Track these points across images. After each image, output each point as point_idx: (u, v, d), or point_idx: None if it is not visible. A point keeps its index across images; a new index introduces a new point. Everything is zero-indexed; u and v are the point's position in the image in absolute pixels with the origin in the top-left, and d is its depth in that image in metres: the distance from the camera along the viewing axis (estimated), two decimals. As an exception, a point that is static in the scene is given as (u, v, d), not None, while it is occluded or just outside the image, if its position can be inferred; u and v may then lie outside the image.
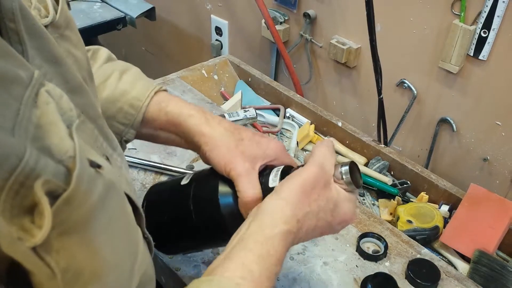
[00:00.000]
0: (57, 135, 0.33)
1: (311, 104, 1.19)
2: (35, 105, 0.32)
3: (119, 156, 0.47)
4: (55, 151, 0.32)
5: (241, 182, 0.57)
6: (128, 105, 0.63)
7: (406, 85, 1.13)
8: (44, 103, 0.33)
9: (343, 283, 0.76)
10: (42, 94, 0.33)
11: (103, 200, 0.35)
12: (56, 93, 0.35)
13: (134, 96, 0.63)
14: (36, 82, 0.33)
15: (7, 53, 0.33)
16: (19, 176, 0.28)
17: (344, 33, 1.21)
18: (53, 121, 0.33)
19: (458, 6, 0.96)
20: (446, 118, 1.09)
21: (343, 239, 0.83)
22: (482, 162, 1.07)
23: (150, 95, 0.64)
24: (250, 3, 1.33)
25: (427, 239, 0.90)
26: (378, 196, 1.04)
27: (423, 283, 0.75)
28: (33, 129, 0.31)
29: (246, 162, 0.59)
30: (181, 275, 0.74)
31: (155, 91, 0.64)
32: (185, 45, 1.76)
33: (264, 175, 0.59)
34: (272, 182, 0.58)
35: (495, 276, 0.81)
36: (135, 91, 0.64)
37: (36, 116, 0.32)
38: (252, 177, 0.58)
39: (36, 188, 0.29)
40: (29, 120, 0.31)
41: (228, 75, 1.31)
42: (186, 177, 0.64)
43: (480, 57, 0.97)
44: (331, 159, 0.56)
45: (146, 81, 0.67)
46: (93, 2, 1.55)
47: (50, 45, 0.40)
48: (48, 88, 0.34)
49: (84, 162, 0.33)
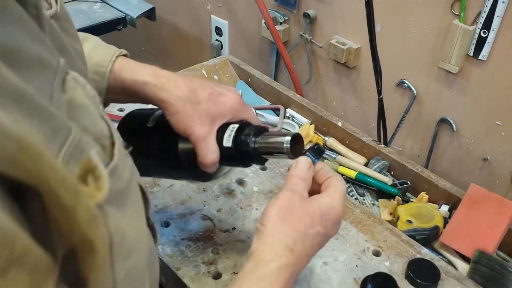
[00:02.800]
0: (90, 116, 0.34)
1: (311, 104, 1.19)
2: (63, 91, 0.33)
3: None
4: (91, 131, 0.34)
5: (200, 147, 0.60)
6: (92, 72, 0.63)
7: (406, 85, 1.13)
8: (71, 88, 0.34)
9: (343, 283, 0.76)
10: (69, 81, 0.34)
11: (130, 180, 0.37)
12: (81, 81, 0.36)
13: (97, 62, 0.63)
14: (62, 69, 0.34)
15: (42, 39, 0.34)
16: (69, 147, 0.29)
17: (344, 33, 1.21)
18: (84, 103, 0.34)
19: (458, 6, 0.96)
20: (446, 118, 1.09)
21: (343, 239, 0.83)
22: (482, 162, 1.07)
23: (112, 60, 0.64)
24: (250, 3, 1.33)
25: (427, 239, 0.90)
26: (378, 196, 1.04)
27: (423, 283, 0.75)
28: (66, 111, 0.32)
29: (204, 126, 0.60)
30: (181, 275, 0.75)
31: (116, 56, 0.64)
32: (185, 45, 1.76)
33: (220, 134, 0.62)
34: (226, 142, 0.61)
35: (495, 276, 0.81)
36: (97, 57, 0.63)
37: (66, 100, 0.33)
38: (210, 141, 0.60)
39: (92, 155, 0.31)
40: (60, 103, 0.32)
41: (228, 75, 1.31)
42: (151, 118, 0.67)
43: (480, 57, 0.97)
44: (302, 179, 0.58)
45: (106, 47, 0.66)
46: (93, 3, 1.55)
47: (57, 34, 0.41)
48: (73, 75, 0.35)
49: (120, 140, 0.36)
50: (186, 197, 0.88)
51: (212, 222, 0.84)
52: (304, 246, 0.53)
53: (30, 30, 0.32)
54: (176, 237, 0.80)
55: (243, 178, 0.93)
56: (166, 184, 0.90)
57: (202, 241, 0.80)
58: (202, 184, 0.91)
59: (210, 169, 0.62)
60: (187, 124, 0.60)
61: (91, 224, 0.28)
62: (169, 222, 0.83)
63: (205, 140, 0.60)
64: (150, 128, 0.66)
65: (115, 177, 0.33)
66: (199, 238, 0.81)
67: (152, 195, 0.88)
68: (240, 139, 0.61)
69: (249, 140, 0.61)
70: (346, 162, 1.08)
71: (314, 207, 0.55)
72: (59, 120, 0.29)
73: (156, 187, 0.90)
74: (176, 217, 0.84)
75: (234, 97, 0.64)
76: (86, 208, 0.28)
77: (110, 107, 1.01)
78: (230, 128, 0.62)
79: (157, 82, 0.62)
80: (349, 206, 0.89)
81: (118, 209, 0.33)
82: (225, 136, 0.62)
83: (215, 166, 0.62)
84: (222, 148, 0.61)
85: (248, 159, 0.62)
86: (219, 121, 0.62)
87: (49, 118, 0.28)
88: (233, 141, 0.61)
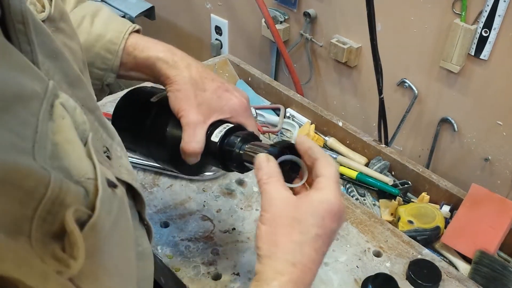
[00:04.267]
0: (75, 155, 0.32)
1: (311, 103, 1.18)
2: (51, 118, 0.32)
3: (118, 145, 0.47)
4: (73, 172, 0.32)
5: (186, 132, 0.59)
6: (105, 50, 0.63)
7: (407, 84, 1.12)
8: (59, 117, 0.32)
9: (343, 283, 0.75)
10: (57, 107, 0.33)
11: (117, 220, 0.35)
12: (71, 105, 0.34)
13: (109, 40, 0.62)
14: (50, 94, 0.33)
15: (24, 66, 0.32)
16: (46, 204, 0.28)
17: (344, 33, 1.20)
18: (70, 139, 0.33)
19: (459, 5, 0.96)
20: (447, 118, 1.09)
21: (343, 239, 0.82)
22: (483, 162, 1.07)
23: (124, 37, 0.63)
24: (250, 2, 1.32)
25: (428, 240, 0.89)
26: (379, 196, 1.03)
27: (424, 284, 0.75)
28: (50, 146, 0.31)
29: (199, 114, 0.59)
30: (181, 275, 0.74)
31: (129, 32, 0.64)
32: (184, 44, 1.76)
33: (211, 128, 0.60)
34: (215, 137, 0.59)
35: (496, 276, 0.81)
36: (109, 34, 0.63)
37: (53, 132, 0.31)
38: (198, 130, 0.59)
39: (67, 218, 0.29)
40: (46, 136, 0.30)
41: (228, 74, 1.31)
42: (158, 94, 0.66)
43: (481, 57, 0.96)
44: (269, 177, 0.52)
45: (119, 22, 0.66)
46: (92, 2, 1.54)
47: (50, 41, 0.40)
48: (62, 100, 0.34)
49: (104, 184, 0.33)
50: (186, 198, 0.88)
51: (212, 222, 0.83)
52: (305, 254, 0.49)
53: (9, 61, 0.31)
54: (176, 237, 0.80)
55: (243, 178, 0.92)
56: (165, 185, 0.90)
57: (201, 241, 0.80)
58: (201, 184, 0.90)
59: (190, 159, 0.60)
60: (183, 106, 0.59)
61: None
62: (168, 222, 0.82)
63: (195, 127, 0.59)
64: (151, 102, 0.65)
65: (96, 230, 0.31)
66: (199, 239, 0.80)
67: (152, 195, 0.87)
68: (229, 139, 0.59)
69: (236, 142, 0.58)
70: (347, 162, 1.07)
71: (303, 209, 0.50)
72: (35, 175, 0.28)
73: (156, 187, 0.89)
74: (175, 218, 0.83)
75: (240, 99, 0.63)
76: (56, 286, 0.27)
77: (110, 107, 1.00)
78: (224, 126, 0.61)
79: (170, 59, 0.62)
80: (350, 207, 0.88)
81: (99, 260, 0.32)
82: (215, 131, 0.60)
83: (196, 157, 0.60)
84: (208, 141, 0.60)
85: (229, 160, 0.59)
86: (216, 115, 0.61)
87: (23, 178, 0.27)
88: (221, 139, 0.59)
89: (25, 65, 0.33)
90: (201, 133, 0.59)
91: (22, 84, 0.30)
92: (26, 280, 0.25)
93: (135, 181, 0.46)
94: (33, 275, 0.26)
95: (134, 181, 0.45)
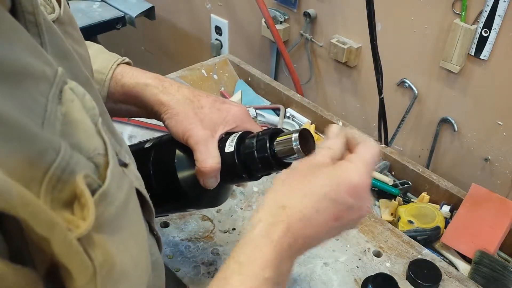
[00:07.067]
0: (85, 132, 0.33)
1: (311, 103, 1.18)
2: (60, 102, 0.32)
3: (126, 153, 0.46)
4: (84, 149, 0.32)
5: (199, 150, 0.55)
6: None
7: (407, 84, 1.12)
8: (68, 100, 0.33)
9: (343, 284, 0.75)
10: (66, 91, 0.33)
11: (127, 200, 0.35)
12: (80, 91, 0.34)
13: (96, 69, 0.61)
14: (59, 80, 0.33)
15: (36, 49, 0.32)
16: (56, 170, 0.28)
17: (344, 33, 1.20)
18: (80, 118, 0.33)
19: (459, 5, 0.96)
20: (447, 118, 1.09)
21: (343, 239, 0.82)
22: (484, 162, 1.07)
23: (112, 68, 0.62)
24: (250, 2, 1.32)
25: (428, 240, 0.89)
26: (379, 196, 1.03)
27: (424, 284, 0.75)
28: (60, 126, 0.31)
29: (205, 130, 0.57)
30: (181, 276, 0.74)
31: (118, 64, 0.63)
32: (184, 44, 1.76)
33: (222, 141, 0.57)
34: (228, 147, 0.56)
35: (497, 276, 0.81)
36: (97, 64, 0.61)
37: (62, 113, 0.32)
38: (211, 145, 0.56)
39: (78, 180, 0.29)
40: (55, 116, 0.31)
41: (228, 74, 1.31)
42: (151, 139, 0.63)
43: (481, 57, 0.96)
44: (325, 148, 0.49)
45: (108, 54, 0.65)
46: (92, 1, 1.54)
47: (60, 40, 0.40)
48: (71, 85, 0.34)
49: (114, 159, 0.34)
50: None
51: (212, 222, 0.83)
52: (303, 203, 0.44)
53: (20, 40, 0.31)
54: (176, 237, 0.80)
55: (243, 178, 0.92)
56: (165, 184, 0.90)
57: (201, 241, 0.80)
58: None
59: (210, 180, 0.56)
60: (186, 126, 0.57)
61: (68, 256, 0.27)
62: (168, 222, 0.82)
63: (206, 143, 0.56)
64: (147, 147, 0.62)
65: (106, 202, 0.31)
66: (199, 239, 0.80)
67: (152, 195, 0.87)
68: (244, 142, 0.56)
69: (253, 141, 0.55)
70: (347, 162, 1.07)
71: (322, 169, 0.46)
72: (45, 140, 0.28)
73: (156, 187, 0.89)
74: (175, 218, 0.83)
75: (239, 106, 0.61)
76: (63, 241, 0.27)
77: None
78: (232, 135, 0.57)
79: (159, 85, 0.60)
80: (349, 207, 0.88)
81: (109, 235, 0.32)
82: (227, 143, 0.56)
83: (215, 176, 0.56)
84: (223, 155, 0.55)
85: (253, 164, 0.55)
86: (221, 128, 0.58)
87: (33, 139, 0.27)
88: (236, 146, 0.55)
89: (36, 49, 0.33)
90: (214, 147, 0.56)
91: (32, 64, 0.31)
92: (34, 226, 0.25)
93: (144, 189, 0.45)
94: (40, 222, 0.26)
95: (143, 188, 0.44)
